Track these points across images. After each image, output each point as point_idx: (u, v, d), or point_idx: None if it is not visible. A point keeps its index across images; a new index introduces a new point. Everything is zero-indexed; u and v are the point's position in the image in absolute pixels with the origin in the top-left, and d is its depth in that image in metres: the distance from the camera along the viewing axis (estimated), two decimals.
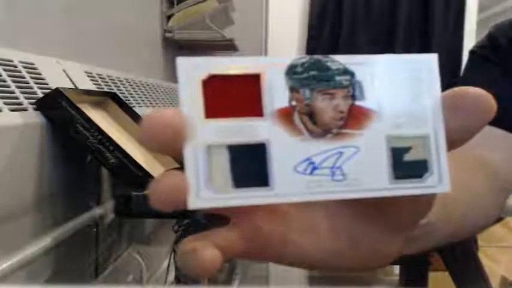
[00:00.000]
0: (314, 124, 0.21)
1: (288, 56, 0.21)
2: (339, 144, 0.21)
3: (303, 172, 0.21)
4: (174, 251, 0.54)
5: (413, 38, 2.31)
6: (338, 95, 0.21)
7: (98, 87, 0.85)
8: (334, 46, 2.32)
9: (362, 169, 0.21)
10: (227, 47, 1.99)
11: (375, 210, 0.25)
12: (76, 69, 0.81)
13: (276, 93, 0.21)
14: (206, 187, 0.20)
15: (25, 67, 0.64)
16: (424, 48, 2.31)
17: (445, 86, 0.23)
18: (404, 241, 0.27)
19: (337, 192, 0.21)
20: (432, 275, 0.53)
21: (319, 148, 0.21)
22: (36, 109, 0.60)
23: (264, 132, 0.21)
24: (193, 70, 0.20)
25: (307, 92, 0.21)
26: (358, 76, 0.22)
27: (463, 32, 2.34)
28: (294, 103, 0.21)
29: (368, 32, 2.32)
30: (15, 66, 0.62)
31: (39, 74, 0.67)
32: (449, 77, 2.31)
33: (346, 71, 0.22)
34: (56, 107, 0.61)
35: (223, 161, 0.20)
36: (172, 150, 0.20)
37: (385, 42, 2.33)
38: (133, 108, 0.80)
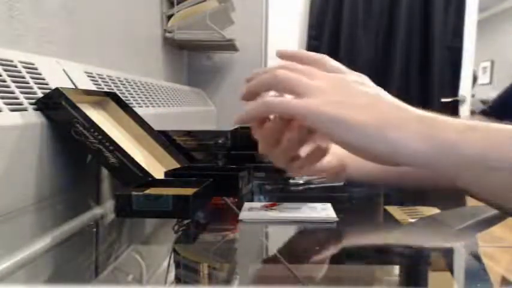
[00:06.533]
0: None
1: None
2: None
3: None
4: (174, 251, 0.54)
5: (413, 38, 2.31)
6: None
7: (98, 87, 0.85)
8: (334, 46, 2.32)
9: None
10: (227, 47, 1.99)
11: None
12: (76, 69, 0.81)
13: None
14: None
15: (25, 67, 0.64)
16: (424, 48, 2.31)
17: (445, 85, 0.23)
18: None
19: None
20: (432, 275, 0.53)
21: None
22: (36, 109, 0.60)
23: None
24: None
25: None
26: None
27: (463, 32, 2.34)
28: None
29: (368, 32, 2.32)
30: (15, 66, 0.62)
31: (39, 74, 0.67)
32: (449, 77, 2.31)
33: None
34: (56, 107, 0.61)
35: None
36: None
37: (385, 42, 2.33)
38: (134, 108, 0.80)
